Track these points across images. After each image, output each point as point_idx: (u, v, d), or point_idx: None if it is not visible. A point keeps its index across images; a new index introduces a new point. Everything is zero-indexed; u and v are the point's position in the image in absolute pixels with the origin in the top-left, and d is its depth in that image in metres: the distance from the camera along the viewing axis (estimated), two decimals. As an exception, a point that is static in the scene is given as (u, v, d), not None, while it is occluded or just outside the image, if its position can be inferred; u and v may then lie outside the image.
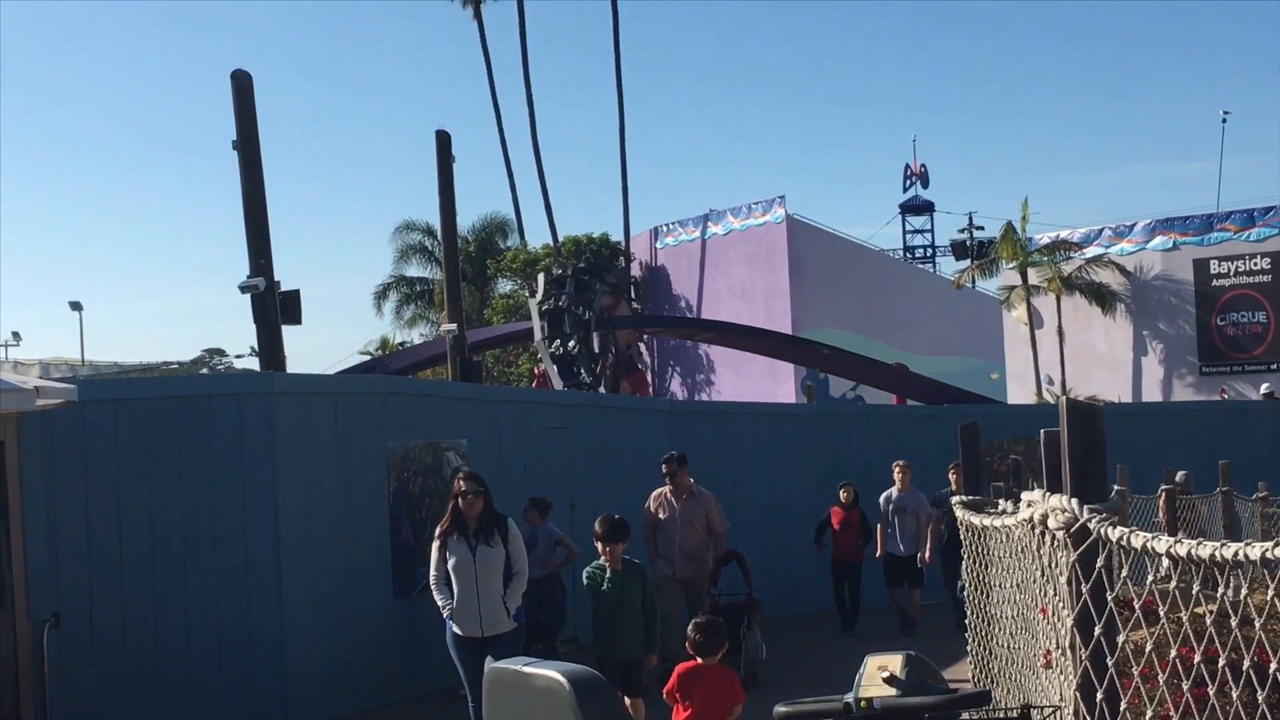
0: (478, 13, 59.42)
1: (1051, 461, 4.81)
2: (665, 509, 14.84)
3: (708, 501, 14.89)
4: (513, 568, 10.86)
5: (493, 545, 10.75)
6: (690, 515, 14.74)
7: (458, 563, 10.74)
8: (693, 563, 14.75)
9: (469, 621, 10.72)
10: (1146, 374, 42.40)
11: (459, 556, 10.75)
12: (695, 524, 14.74)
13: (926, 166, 66.94)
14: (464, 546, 10.77)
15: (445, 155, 24.87)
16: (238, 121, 18.49)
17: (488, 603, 10.70)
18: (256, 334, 18.61)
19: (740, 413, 22.89)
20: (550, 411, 17.68)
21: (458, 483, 11.03)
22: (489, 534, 10.79)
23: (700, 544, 14.79)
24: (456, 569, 10.75)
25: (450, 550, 10.81)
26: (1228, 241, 40.61)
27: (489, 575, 10.71)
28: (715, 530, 14.88)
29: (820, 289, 46.98)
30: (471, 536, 10.79)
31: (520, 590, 10.87)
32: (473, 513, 10.80)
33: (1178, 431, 23.83)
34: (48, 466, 12.18)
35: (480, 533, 10.79)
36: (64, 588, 12.09)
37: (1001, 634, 7.20)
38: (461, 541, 10.79)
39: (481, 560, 10.71)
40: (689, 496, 14.82)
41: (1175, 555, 3.26)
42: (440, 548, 10.89)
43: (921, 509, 18.19)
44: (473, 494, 10.83)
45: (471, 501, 10.81)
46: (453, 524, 10.88)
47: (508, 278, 57.34)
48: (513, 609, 10.80)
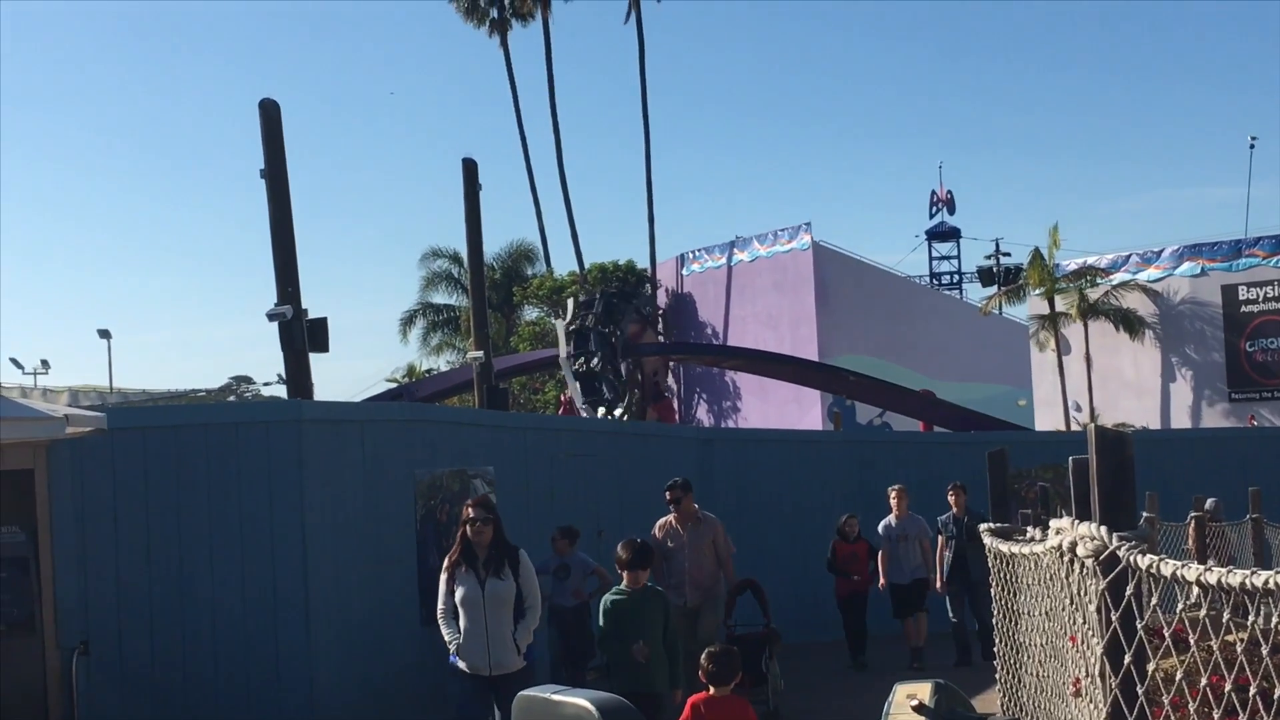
0: (504, 40, 59.69)
1: (1080, 489, 4.80)
2: (673, 538, 14.39)
3: (714, 526, 14.47)
4: (525, 602, 10.31)
5: (503, 578, 10.23)
6: (699, 542, 14.33)
7: (465, 595, 10.23)
8: (703, 591, 14.31)
9: (476, 658, 10.22)
10: (1175, 400, 42.23)
11: (467, 589, 10.24)
12: (704, 551, 14.35)
13: (953, 193, 66.99)
14: (472, 578, 10.27)
15: (472, 183, 24.98)
16: (265, 150, 18.60)
17: (497, 639, 10.17)
18: (284, 362, 18.69)
19: (766, 440, 22.87)
20: (577, 439, 17.69)
21: (465, 509, 10.53)
22: (499, 566, 10.27)
23: (711, 571, 14.38)
24: (464, 602, 10.24)
25: (458, 582, 10.31)
26: (1256, 267, 40.48)
27: (499, 610, 10.19)
28: (722, 556, 14.46)
29: (846, 316, 46.95)
30: (481, 568, 10.27)
31: (532, 627, 10.35)
32: (482, 541, 10.30)
33: (1207, 458, 23.71)
34: (76, 494, 12.22)
35: (490, 564, 10.28)
36: (92, 615, 12.11)
37: (1030, 662, 7.17)
38: (470, 573, 10.29)
39: (491, 594, 10.20)
40: (695, 523, 14.40)
41: (1205, 583, 3.25)
42: (448, 579, 10.40)
43: (923, 534, 17.74)
44: (481, 521, 10.32)
45: (480, 529, 10.31)
46: (461, 554, 10.38)
47: (534, 305, 57.42)
48: (523, 647, 10.27)
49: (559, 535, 14.69)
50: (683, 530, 14.32)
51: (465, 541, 10.35)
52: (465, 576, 10.26)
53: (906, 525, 17.78)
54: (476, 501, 10.62)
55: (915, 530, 17.73)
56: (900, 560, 17.68)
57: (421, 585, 13.90)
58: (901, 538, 17.70)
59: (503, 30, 59.65)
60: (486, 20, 59.90)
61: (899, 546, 17.70)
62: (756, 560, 17.03)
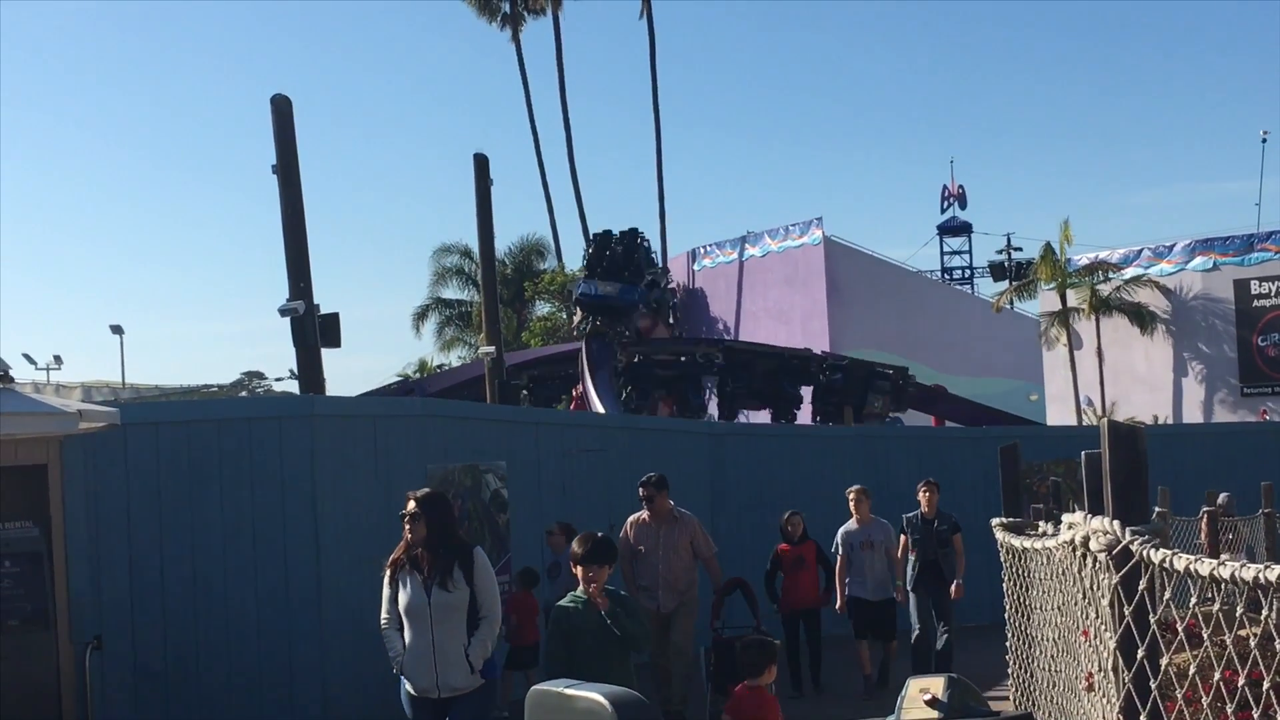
0: (515, 35, 59.70)
1: (1093, 483, 4.80)
2: (645, 536, 13.43)
3: (691, 525, 13.51)
4: (480, 611, 8.85)
5: (452, 584, 8.77)
6: (674, 542, 13.37)
7: (410, 603, 8.83)
8: (678, 595, 13.31)
9: (422, 677, 8.82)
10: (1187, 395, 42.16)
11: (411, 596, 8.83)
12: (679, 551, 13.38)
13: (964, 187, 66.99)
14: (417, 583, 8.82)
15: (483, 178, 25.00)
16: (277, 146, 18.62)
17: (446, 655, 8.77)
18: (296, 357, 18.73)
19: (778, 434, 22.87)
20: (589, 434, 17.69)
21: (406, 502, 9.09)
22: (447, 569, 8.78)
23: (687, 574, 13.41)
24: (408, 612, 8.84)
25: (401, 587, 8.91)
26: (1269, 262, 40.42)
27: (448, 620, 8.75)
28: (702, 555, 13.52)
29: (858, 310, 46.91)
30: (427, 572, 8.82)
31: (489, 640, 8.87)
32: (415, 539, 8.87)
33: (1219, 453, 23.67)
34: (90, 489, 12.24)
35: (437, 567, 8.80)
36: (106, 610, 12.13)
37: (1043, 656, 7.18)
38: (415, 577, 8.84)
39: (438, 602, 8.76)
40: (670, 521, 13.43)
41: (1219, 578, 3.25)
42: (390, 582, 9.00)
43: (890, 542, 15.41)
44: (410, 518, 8.88)
45: (411, 526, 8.89)
46: (405, 554, 8.97)
47: (545, 300, 57.46)
48: (478, 663, 8.83)
49: (557, 530, 14.32)
50: (658, 529, 13.43)
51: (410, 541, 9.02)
52: (409, 581, 8.87)
53: (873, 531, 15.38)
54: (418, 494, 9.16)
55: (881, 536, 15.37)
56: (863, 572, 15.28)
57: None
58: (865, 544, 15.30)
59: (515, 25, 59.69)
60: (499, 16, 59.93)
61: (861, 556, 15.31)
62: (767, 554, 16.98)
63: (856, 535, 15.43)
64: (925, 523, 15.61)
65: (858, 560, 15.33)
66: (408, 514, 8.88)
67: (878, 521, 15.51)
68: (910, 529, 15.57)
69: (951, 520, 15.65)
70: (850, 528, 15.53)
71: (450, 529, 9.01)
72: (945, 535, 15.55)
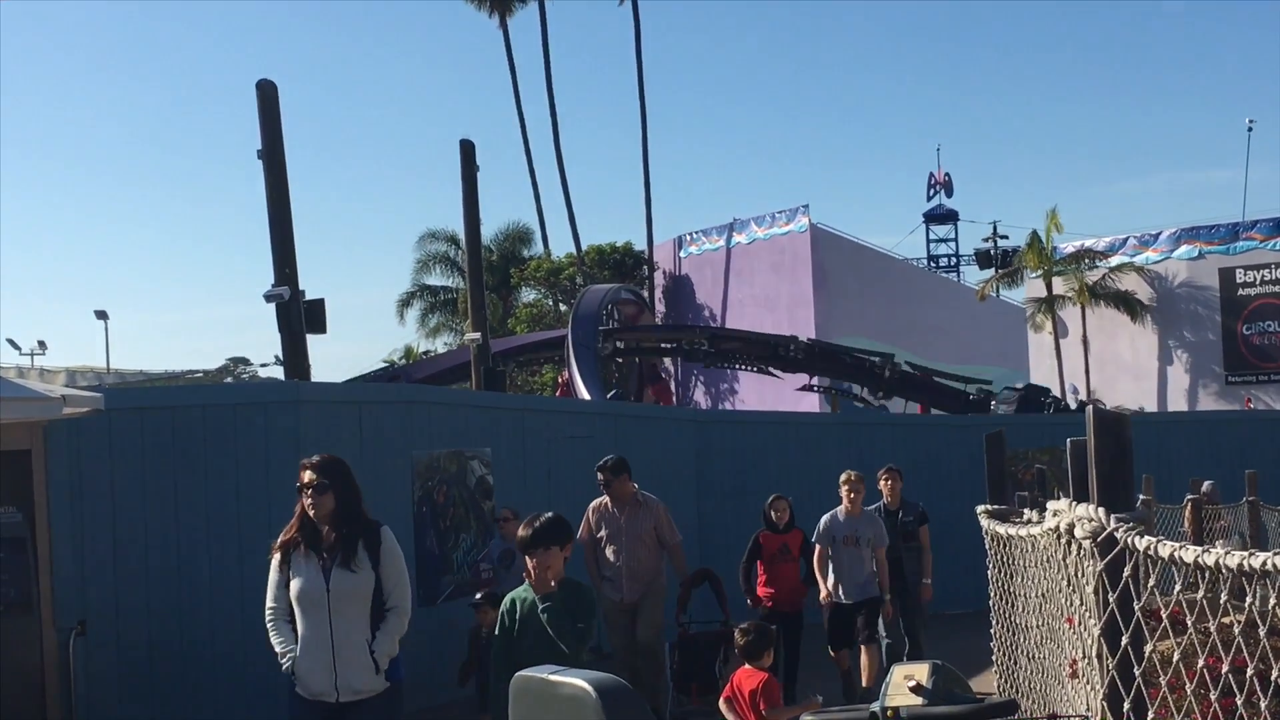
0: (503, 22, 59.55)
1: (1078, 470, 4.80)
2: (607, 522, 12.67)
3: (656, 510, 12.66)
4: (387, 600, 7.52)
5: (355, 568, 7.43)
6: (637, 529, 12.56)
7: (303, 590, 7.47)
8: (643, 585, 12.50)
9: (317, 678, 7.47)
10: (1172, 383, 42.30)
11: (305, 581, 7.48)
12: (644, 538, 12.56)
13: (950, 175, 67.13)
14: (313, 567, 7.48)
15: (469, 165, 24.96)
16: (263, 131, 18.56)
17: (346, 651, 7.43)
18: (281, 343, 18.68)
19: (764, 421, 22.87)
20: (574, 420, 17.69)
21: (301, 471, 7.64)
22: (350, 549, 7.45)
23: (652, 563, 12.60)
24: (301, 599, 7.49)
25: (293, 570, 7.55)
26: (1253, 250, 40.56)
27: (349, 611, 7.42)
28: (667, 543, 12.64)
29: (844, 298, 46.97)
30: (325, 552, 7.49)
31: (397, 635, 7.55)
32: (320, 514, 7.49)
33: (1204, 441, 23.74)
34: (74, 474, 12.23)
35: (338, 548, 7.47)
36: (90, 596, 12.13)
37: (1027, 643, 7.19)
38: (311, 559, 7.50)
39: (338, 588, 7.42)
40: (634, 506, 12.61)
41: (1203, 565, 3.25)
42: (280, 565, 7.64)
43: (879, 538, 13.57)
44: (315, 489, 7.50)
45: (315, 499, 7.51)
46: (300, 533, 7.58)
47: (531, 287, 57.41)
48: (384, 661, 7.47)
49: (510, 516, 13.49)
50: (619, 514, 12.64)
51: (305, 515, 7.61)
52: (304, 564, 7.53)
53: (859, 525, 13.57)
54: (317, 461, 7.68)
55: (870, 531, 13.56)
56: (846, 570, 13.50)
57: (419, 565, 13.93)
58: (849, 540, 13.50)
59: (503, 11, 59.51)
60: (487, 2, 59.77)
61: (844, 552, 13.52)
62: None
63: (841, 528, 13.56)
64: (888, 514, 14.30)
65: (840, 557, 13.52)
66: (310, 485, 7.50)
67: (868, 514, 13.79)
68: None
69: (918, 510, 14.54)
70: (836, 518, 13.64)
71: (357, 501, 7.65)
72: (910, 528, 14.37)
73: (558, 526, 7.55)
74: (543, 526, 7.49)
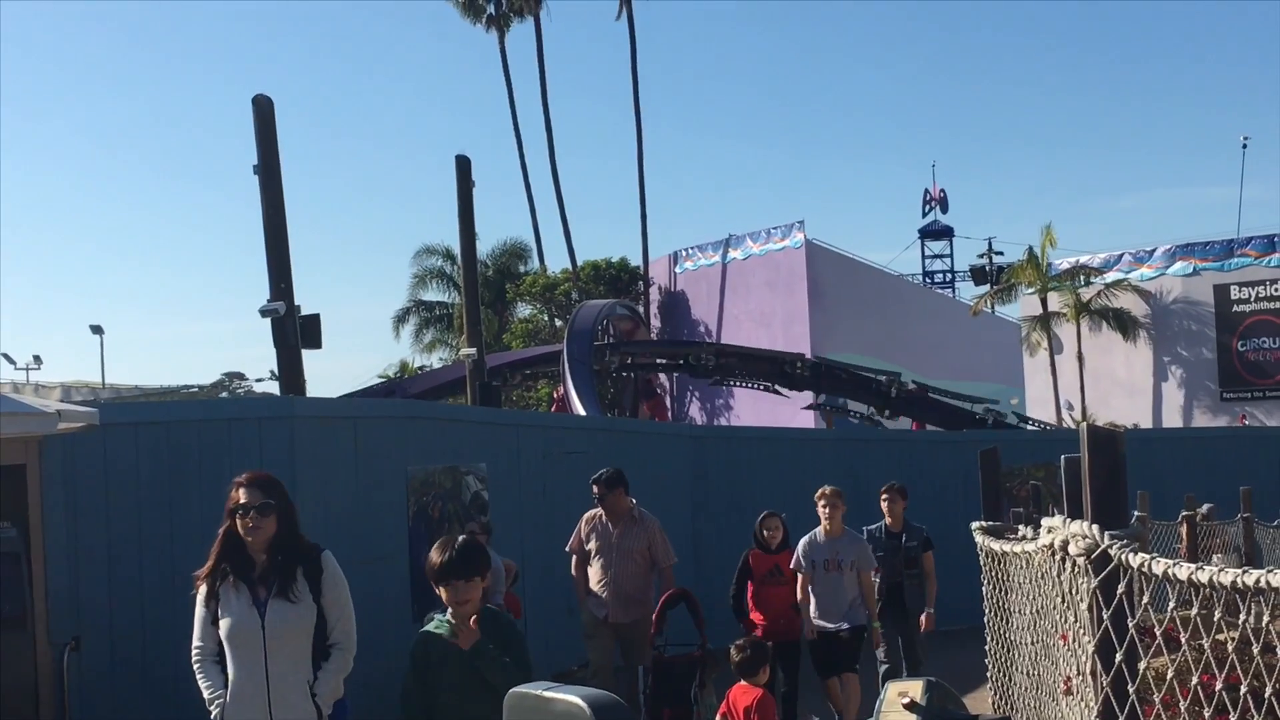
0: (500, 38, 59.67)
1: (1072, 487, 4.81)
2: (599, 535, 12.25)
3: (652, 528, 12.20)
4: (330, 635, 6.70)
5: (295, 598, 6.59)
6: (629, 545, 12.11)
7: (235, 627, 6.64)
8: (632, 606, 12.02)
9: None
10: (1167, 399, 42.33)
11: (236, 617, 6.65)
12: (635, 556, 12.08)
13: (946, 191, 67.27)
14: (245, 600, 6.65)
15: (465, 180, 24.97)
16: (259, 146, 18.57)
17: (284, 693, 6.62)
18: (277, 358, 18.67)
19: (759, 438, 22.86)
20: (570, 436, 17.68)
21: (234, 491, 6.81)
22: (288, 578, 6.62)
23: (642, 582, 12.10)
24: (232, 637, 6.66)
25: (222, 606, 6.71)
26: (1248, 267, 40.63)
27: (288, 648, 6.58)
28: (659, 564, 12.14)
29: (839, 314, 47.00)
30: (258, 582, 6.66)
31: (342, 673, 6.78)
32: (260, 540, 6.66)
33: (1198, 458, 23.75)
34: (69, 490, 12.21)
35: (274, 577, 6.63)
36: (84, 611, 12.10)
37: (1022, 660, 7.19)
38: (241, 591, 6.66)
39: (275, 623, 6.59)
40: (630, 522, 12.18)
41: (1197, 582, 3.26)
42: (206, 600, 6.80)
43: (864, 560, 12.58)
44: (258, 510, 6.65)
45: (257, 521, 6.66)
46: (225, 561, 6.75)
47: (527, 302, 57.45)
48: (327, 705, 6.71)
49: (478, 530, 13.26)
50: (612, 529, 12.21)
51: (231, 541, 6.78)
52: (234, 598, 6.69)
53: (840, 546, 12.54)
54: (252, 479, 6.85)
55: (853, 553, 12.55)
56: (829, 596, 12.50)
57: (414, 581, 13.91)
58: (830, 563, 12.50)
59: (500, 27, 59.66)
60: (484, 17, 59.89)
61: (826, 577, 12.51)
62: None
63: (821, 550, 12.57)
64: (890, 537, 13.55)
65: (821, 582, 12.53)
66: (250, 506, 6.65)
67: (851, 534, 12.72)
68: (873, 544, 13.17)
69: (921, 535, 13.66)
70: (814, 540, 12.67)
71: (296, 524, 6.83)
72: (914, 553, 13.55)
73: (477, 553, 6.43)
74: (461, 553, 6.31)
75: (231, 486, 6.77)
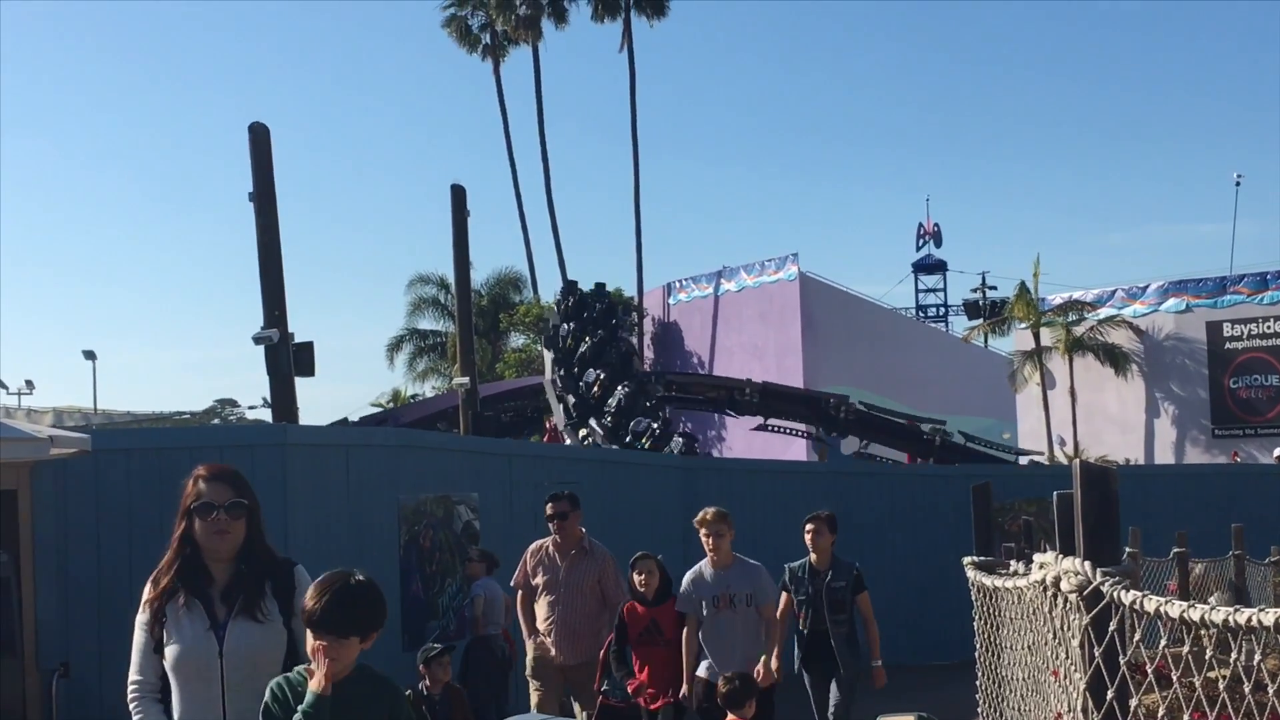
0: (496, 68, 59.86)
1: (1064, 523, 4.81)
2: (544, 569, 11.11)
3: (604, 562, 11.08)
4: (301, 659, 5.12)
5: (262, 618, 5.29)
6: (578, 579, 11.00)
7: (186, 654, 5.26)
8: (581, 645, 10.92)
9: None
10: (1159, 436, 42.37)
11: (189, 642, 5.26)
12: (584, 591, 10.98)
13: (939, 225, 67.35)
14: (199, 621, 5.28)
15: (460, 209, 25.00)
16: (254, 173, 18.59)
17: None
18: (269, 385, 18.64)
19: (751, 470, 22.87)
20: (561, 466, 17.70)
21: (194, 484, 5.62)
22: (255, 595, 5.32)
23: (592, 619, 10.98)
24: (183, 666, 5.26)
25: (171, 630, 5.31)
26: (1241, 304, 40.73)
27: (251, 680, 5.12)
28: (609, 601, 10.94)
29: (832, 347, 47.03)
30: (217, 600, 5.31)
31: None
32: (228, 548, 5.40)
33: (1190, 494, 23.78)
34: (59, 515, 12.19)
35: (237, 593, 5.32)
36: (74, 637, 12.08)
37: (1013, 696, 7.18)
38: (195, 612, 5.30)
39: (236, 649, 5.24)
40: (579, 554, 11.01)
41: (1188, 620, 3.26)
42: (150, 623, 5.38)
43: (762, 595, 10.38)
44: (227, 511, 5.44)
45: (226, 526, 5.42)
46: (179, 577, 5.37)
47: (520, 332, 57.49)
48: None
49: (476, 557, 13.40)
50: (560, 561, 11.05)
51: (188, 549, 5.44)
52: (184, 619, 5.31)
53: (732, 579, 10.35)
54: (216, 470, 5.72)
55: (747, 586, 10.35)
56: (721, 640, 10.24)
57: (404, 609, 13.89)
58: (722, 600, 10.27)
59: (496, 56, 59.86)
60: (480, 46, 60.10)
61: (717, 618, 10.27)
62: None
63: (708, 586, 10.37)
64: (814, 576, 11.44)
65: (712, 626, 10.30)
66: (218, 505, 5.45)
67: (743, 564, 10.55)
68: (794, 584, 11.43)
69: (852, 573, 11.55)
70: (700, 575, 10.46)
71: (263, 530, 5.61)
72: (840, 595, 11.37)
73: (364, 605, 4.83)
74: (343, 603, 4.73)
75: (189, 479, 5.56)
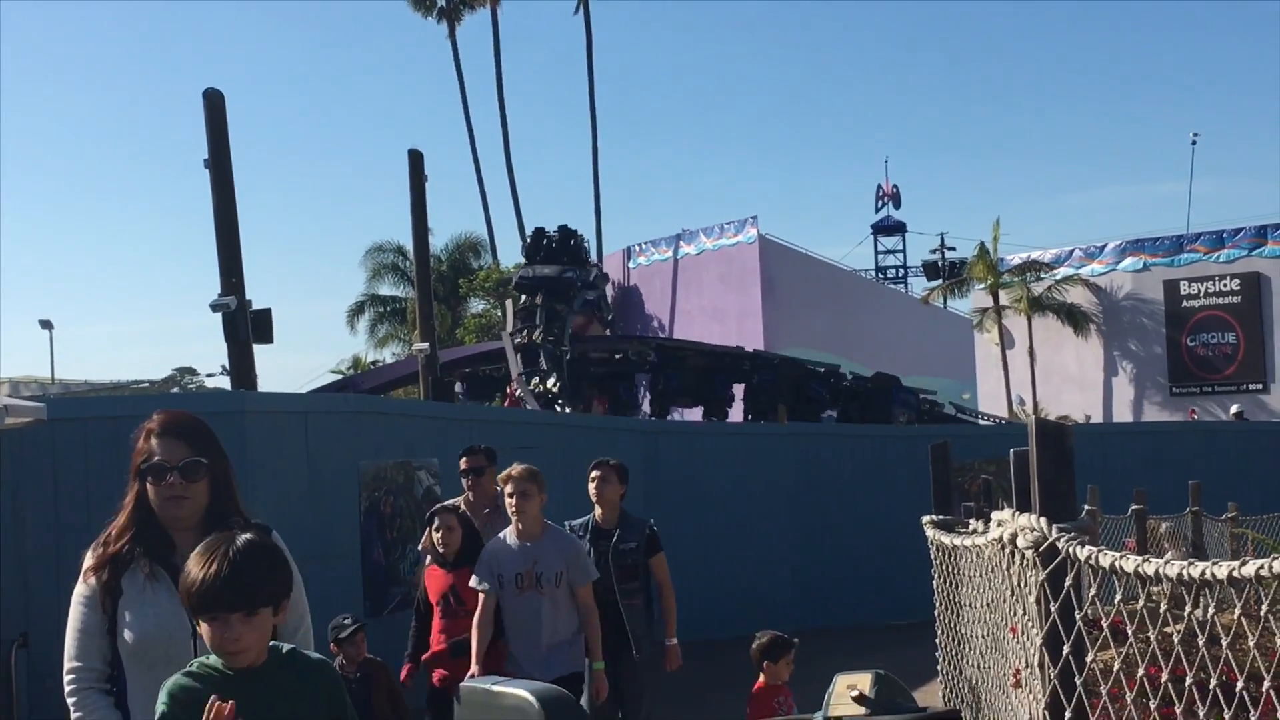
0: (452, 31, 59.54)
1: (1021, 481, 4.82)
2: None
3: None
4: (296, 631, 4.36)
5: None
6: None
7: (152, 635, 4.37)
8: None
9: None
10: (1117, 394, 42.62)
11: (153, 619, 4.40)
12: None
13: (899, 187, 67.56)
14: (163, 597, 4.39)
15: (418, 175, 24.89)
16: (209, 140, 18.46)
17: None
18: (228, 353, 18.55)
19: (712, 433, 22.91)
20: (523, 431, 17.67)
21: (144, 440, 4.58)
22: None
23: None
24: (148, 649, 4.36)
25: (129, 608, 4.46)
26: (1197, 263, 40.94)
27: None
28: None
29: (792, 309, 47.07)
30: None
31: None
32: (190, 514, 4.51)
33: (1148, 452, 23.95)
34: (16, 486, 12.12)
35: None
36: (32, 608, 12.01)
37: (972, 654, 7.21)
38: (160, 585, 4.44)
39: None
40: (492, 513, 9.63)
41: (1143, 575, 3.27)
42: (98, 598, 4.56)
43: (579, 571, 8.60)
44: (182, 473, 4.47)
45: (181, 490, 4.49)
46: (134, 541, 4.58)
47: (480, 297, 57.32)
48: None
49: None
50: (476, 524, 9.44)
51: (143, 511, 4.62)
52: (147, 593, 4.47)
53: (540, 552, 8.55)
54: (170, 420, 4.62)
55: (559, 561, 8.56)
56: (524, 628, 8.46)
57: (365, 576, 13.87)
58: (526, 578, 8.49)
59: (451, 20, 59.54)
60: (435, 10, 59.75)
61: (519, 600, 8.48)
62: (702, 553, 16.97)
63: (510, 561, 8.54)
64: (598, 535, 9.65)
65: (514, 609, 8.50)
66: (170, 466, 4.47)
67: (556, 533, 8.84)
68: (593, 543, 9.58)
69: (644, 533, 9.81)
70: (501, 544, 8.65)
71: (235, 489, 4.69)
72: (630, 558, 9.65)
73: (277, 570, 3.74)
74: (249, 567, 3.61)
75: (140, 433, 4.61)
